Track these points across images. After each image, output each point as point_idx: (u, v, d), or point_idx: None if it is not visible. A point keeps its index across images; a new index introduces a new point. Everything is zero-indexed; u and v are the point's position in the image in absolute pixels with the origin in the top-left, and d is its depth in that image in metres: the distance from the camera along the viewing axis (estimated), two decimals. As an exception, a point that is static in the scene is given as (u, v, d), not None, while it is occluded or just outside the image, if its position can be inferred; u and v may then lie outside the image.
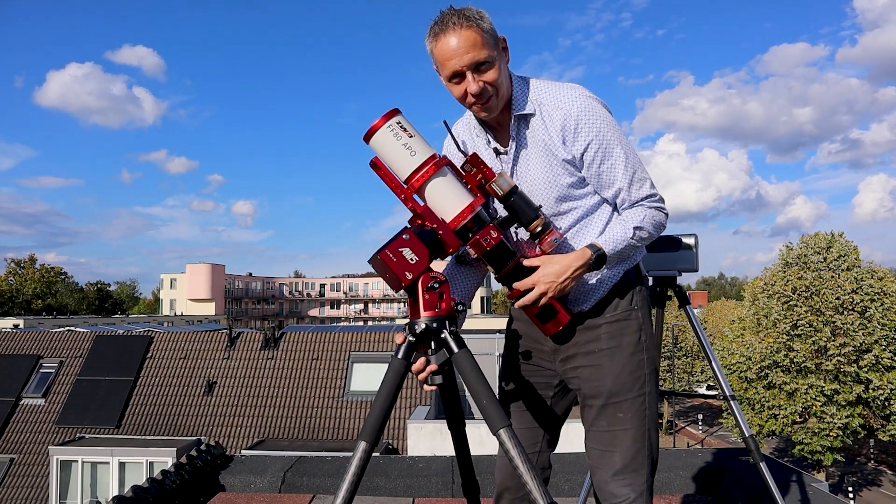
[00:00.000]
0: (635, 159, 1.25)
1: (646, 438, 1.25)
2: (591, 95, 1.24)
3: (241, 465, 2.56)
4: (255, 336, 14.25)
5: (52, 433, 12.47)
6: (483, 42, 1.15)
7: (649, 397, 1.26)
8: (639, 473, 1.22)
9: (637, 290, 1.31)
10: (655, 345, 1.36)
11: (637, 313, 1.29)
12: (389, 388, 1.14)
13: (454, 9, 1.15)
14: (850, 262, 17.86)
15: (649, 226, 1.25)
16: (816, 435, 17.27)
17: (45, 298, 50.28)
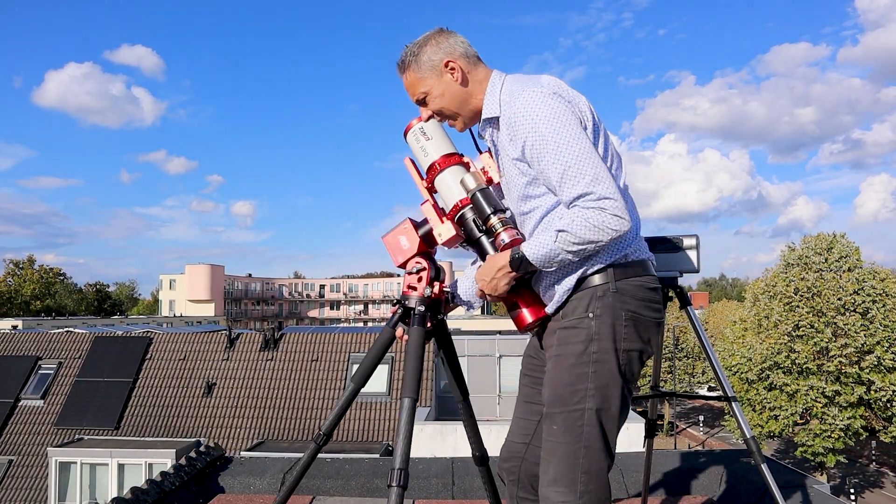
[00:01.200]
0: (570, 156, 1.16)
1: (580, 456, 1.18)
2: (542, 90, 1.20)
3: (241, 466, 2.55)
4: (255, 337, 14.24)
5: (50, 434, 12.46)
6: (417, 81, 1.31)
7: (590, 413, 1.18)
8: (570, 490, 1.17)
9: (599, 295, 1.22)
10: (617, 360, 1.19)
11: (591, 321, 1.21)
12: (377, 349, 1.40)
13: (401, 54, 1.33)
14: (852, 263, 17.81)
15: (578, 228, 1.15)
16: (818, 436, 17.24)
17: (43, 299, 50.25)
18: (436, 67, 1.30)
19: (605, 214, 1.15)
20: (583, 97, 1.28)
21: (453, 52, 1.30)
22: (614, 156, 1.30)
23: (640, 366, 1.27)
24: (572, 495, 1.17)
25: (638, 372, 1.26)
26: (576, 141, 1.17)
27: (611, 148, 1.29)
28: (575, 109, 1.22)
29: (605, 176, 1.16)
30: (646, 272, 1.27)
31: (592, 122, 1.26)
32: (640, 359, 1.25)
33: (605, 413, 1.19)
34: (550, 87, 1.22)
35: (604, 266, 1.23)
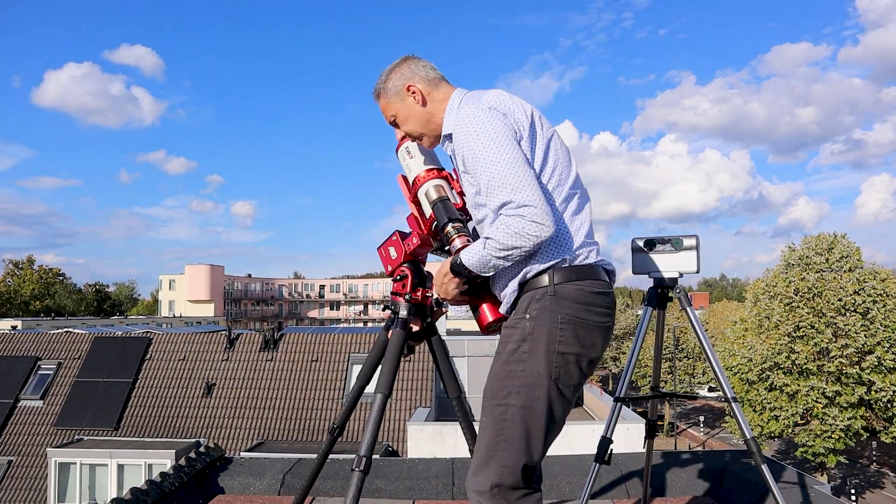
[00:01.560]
0: (495, 167, 1.23)
1: (500, 449, 1.23)
2: (478, 106, 1.29)
3: (241, 467, 2.55)
4: (255, 337, 14.23)
5: (50, 435, 12.45)
6: (387, 105, 1.45)
7: (513, 411, 1.23)
8: (487, 479, 1.23)
9: (537, 298, 1.26)
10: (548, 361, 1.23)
11: (527, 322, 1.26)
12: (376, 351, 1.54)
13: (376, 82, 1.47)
14: (853, 264, 17.77)
15: (501, 235, 1.21)
16: (818, 437, 17.20)
17: (43, 299, 50.21)
18: (399, 92, 1.43)
19: (525, 221, 1.19)
20: (526, 107, 1.35)
21: (413, 76, 1.42)
22: (558, 161, 1.34)
23: (580, 370, 1.28)
24: (487, 485, 1.23)
25: (577, 375, 1.28)
26: (502, 152, 1.23)
27: (553, 154, 1.34)
28: (509, 121, 1.29)
29: (528, 184, 1.21)
30: (590, 276, 1.30)
31: (531, 130, 1.31)
32: (578, 363, 1.27)
33: (528, 411, 1.23)
34: (487, 101, 1.31)
35: (543, 269, 1.28)
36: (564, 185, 1.32)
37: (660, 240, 1.82)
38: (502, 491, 1.23)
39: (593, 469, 1.73)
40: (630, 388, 1.85)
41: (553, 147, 1.34)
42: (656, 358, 1.96)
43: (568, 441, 11.15)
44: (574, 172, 1.37)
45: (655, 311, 1.86)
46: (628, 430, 11.36)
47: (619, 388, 1.82)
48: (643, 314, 1.86)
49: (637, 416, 13.17)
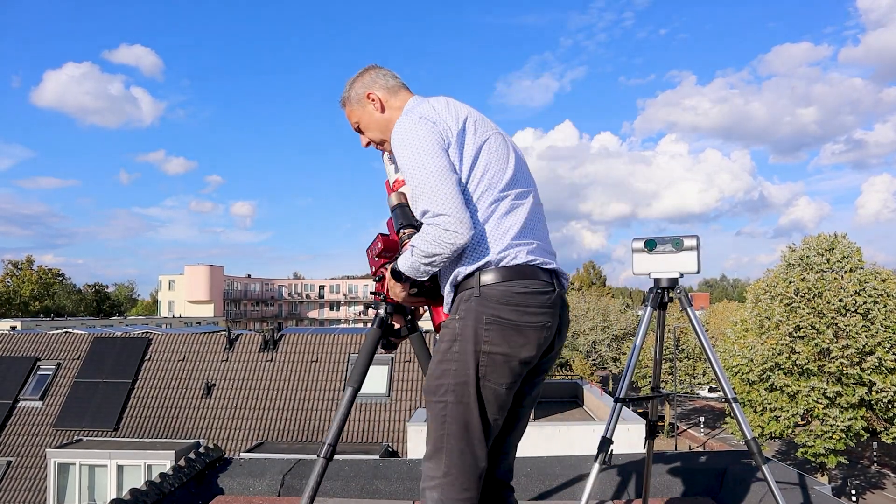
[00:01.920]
0: (418, 177, 1.28)
1: (444, 442, 1.31)
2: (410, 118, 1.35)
3: (240, 467, 2.54)
4: (254, 338, 14.21)
5: (49, 436, 12.42)
6: (350, 113, 1.54)
7: (450, 407, 1.29)
8: (437, 469, 1.31)
9: (465, 299, 1.31)
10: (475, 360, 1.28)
11: (456, 323, 1.31)
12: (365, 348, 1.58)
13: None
14: (853, 264, 17.72)
15: (421, 243, 1.28)
16: (819, 437, 17.15)
17: (42, 300, 50.17)
18: (361, 100, 1.51)
19: (439, 229, 1.25)
20: (461, 113, 1.38)
21: (374, 85, 1.51)
22: (490, 164, 1.36)
23: (510, 369, 1.31)
24: (438, 472, 1.31)
25: (508, 375, 1.31)
26: (424, 162, 1.29)
27: (484, 157, 1.36)
28: (437, 129, 1.33)
29: (445, 193, 1.26)
30: (518, 277, 1.31)
31: (460, 136, 1.35)
32: (508, 363, 1.30)
33: (464, 407, 1.29)
34: (419, 111, 1.36)
35: (471, 271, 1.31)
36: (495, 188, 1.35)
37: (660, 240, 1.82)
38: (450, 482, 1.30)
39: (593, 470, 1.73)
40: (630, 388, 1.84)
41: (486, 150, 1.36)
42: (657, 358, 1.96)
43: (568, 442, 11.16)
44: (510, 174, 1.38)
45: (656, 312, 1.86)
46: (629, 431, 11.34)
47: (619, 389, 1.81)
48: (643, 315, 1.86)
49: (637, 417, 13.16)
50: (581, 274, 53.91)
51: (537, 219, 1.43)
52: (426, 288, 1.43)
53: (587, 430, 12.34)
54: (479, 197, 1.34)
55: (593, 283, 51.66)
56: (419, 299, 1.46)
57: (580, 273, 54.16)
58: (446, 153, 1.31)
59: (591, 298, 39.15)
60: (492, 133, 1.41)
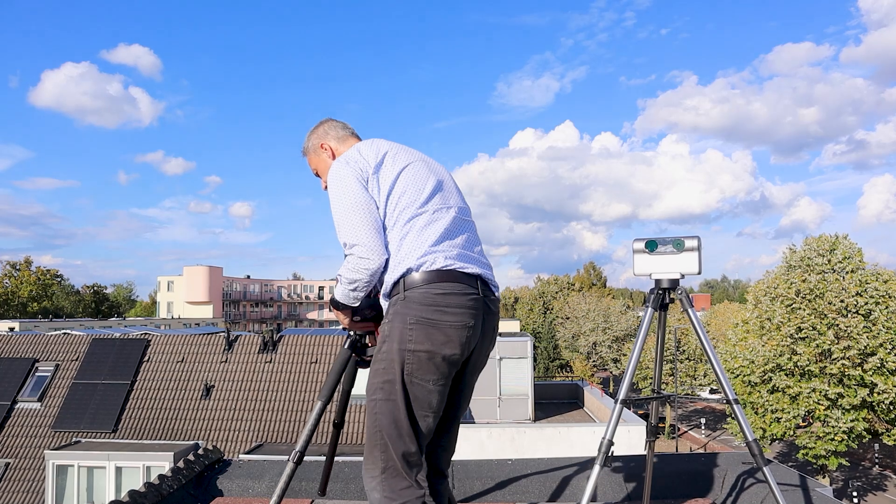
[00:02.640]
0: (339, 214, 1.46)
1: (377, 439, 1.42)
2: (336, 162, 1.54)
3: (239, 469, 2.54)
4: (253, 339, 14.19)
5: (47, 437, 12.38)
6: (310, 161, 1.74)
7: (381, 405, 1.41)
8: (374, 465, 1.42)
9: (392, 303, 1.45)
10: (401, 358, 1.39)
11: (385, 326, 1.44)
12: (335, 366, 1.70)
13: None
14: (855, 265, 17.68)
15: (344, 271, 1.46)
16: (820, 439, 17.08)
17: (40, 301, 50.10)
18: (316, 149, 1.72)
19: (354, 258, 1.43)
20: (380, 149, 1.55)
21: (326, 136, 1.72)
22: (407, 188, 1.51)
23: (435, 366, 1.41)
24: (376, 470, 1.42)
25: (434, 371, 1.41)
26: (341, 199, 1.47)
27: (401, 183, 1.51)
28: (357, 167, 1.51)
29: (356, 224, 1.44)
30: (437, 280, 1.42)
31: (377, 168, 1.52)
32: (432, 359, 1.40)
33: (392, 404, 1.40)
34: (344, 156, 1.55)
35: (396, 280, 1.45)
36: (413, 206, 1.49)
37: (661, 241, 1.81)
38: (389, 477, 1.40)
39: (594, 471, 1.72)
40: (631, 390, 1.84)
41: (404, 175, 1.52)
42: (658, 360, 1.95)
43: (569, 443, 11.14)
44: (428, 193, 1.52)
45: (657, 313, 1.85)
46: (629, 433, 11.33)
47: (620, 391, 1.81)
48: (644, 316, 1.85)
49: (638, 419, 13.15)
50: (581, 275, 53.84)
51: (460, 230, 1.53)
52: (367, 316, 1.57)
53: (588, 431, 12.33)
54: (399, 215, 1.49)
55: (594, 284, 51.59)
56: (366, 325, 1.59)
57: (580, 274, 54.11)
58: (364, 188, 1.48)
59: (592, 299, 39.05)
60: (412, 161, 1.56)
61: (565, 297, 44.05)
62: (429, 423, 1.44)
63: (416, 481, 1.41)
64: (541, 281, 49.85)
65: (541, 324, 40.28)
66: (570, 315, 38.36)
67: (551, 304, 44.08)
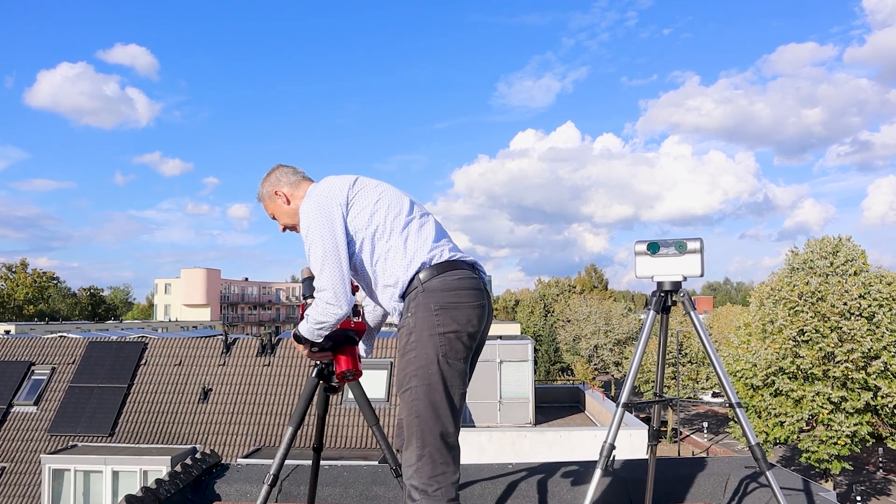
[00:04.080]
0: (317, 255, 1.54)
1: (415, 425, 1.48)
2: (308, 201, 1.62)
3: (237, 473, 2.52)
4: (252, 342, 14.15)
5: (44, 441, 12.32)
6: (265, 206, 1.81)
7: (417, 391, 1.48)
8: (412, 454, 1.48)
9: (413, 297, 1.54)
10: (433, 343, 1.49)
11: (409, 319, 1.53)
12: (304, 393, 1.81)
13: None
14: (858, 267, 17.60)
15: (313, 312, 1.55)
16: (824, 443, 16.99)
17: (36, 304, 49.98)
18: (270, 195, 1.79)
19: (322, 303, 1.53)
20: (348, 178, 1.68)
21: (279, 183, 1.79)
22: (390, 207, 1.64)
23: (463, 344, 1.54)
24: (413, 458, 1.47)
25: (462, 349, 1.54)
26: (318, 247, 1.55)
27: (383, 204, 1.64)
28: (330, 205, 1.60)
29: (330, 274, 1.53)
30: (449, 269, 1.58)
31: (355, 198, 1.63)
32: (460, 338, 1.53)
33: (428, 387, 1.48)
34: (315, 193, 1.64)
35: (412, 276, 1.56)
36: (402, 216, 1.63)
37: (663, 243, 1.81)
38: (425, 464, 1.45)
39: (595, 476, 1.71)
40: (633, 393, 1.83)
41: (384, 195, 1.65)
42: (660, 363, 1.94)
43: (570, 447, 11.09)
44: (408, 205, 1.68)
45: (658, 316, 1.85)
46: (631, 436, 11.29)
47: (621, 394, 1.80)
48: (646, 319, 1.84)
49: (640, 422, 13.11)
50: (583, 277, 53.81)
51: (444, 231, 1.72)
52: (324, 346, 1.65)
53: (589, 435, 12.29)
54: (392, 223, 1.61)
55: (595, 287, 51.57)
56: (324, 354, 1.67)
57: (582, 276, 54.06)
58: (340, 226, 1.58)
59: (593, 302, 39.05)
60: (381, 183, 1.72)
61: (566, 299, 44.02)
62: (461, 400, 1.53)
63: (453, 463, 1.47)
64: (542, 283, 49.78)
65: (541, 326, 40.25)
66: (571, 318, 38.35)
67: (552, 306, 44.05)
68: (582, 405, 17.91)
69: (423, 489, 1.43)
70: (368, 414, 1.88)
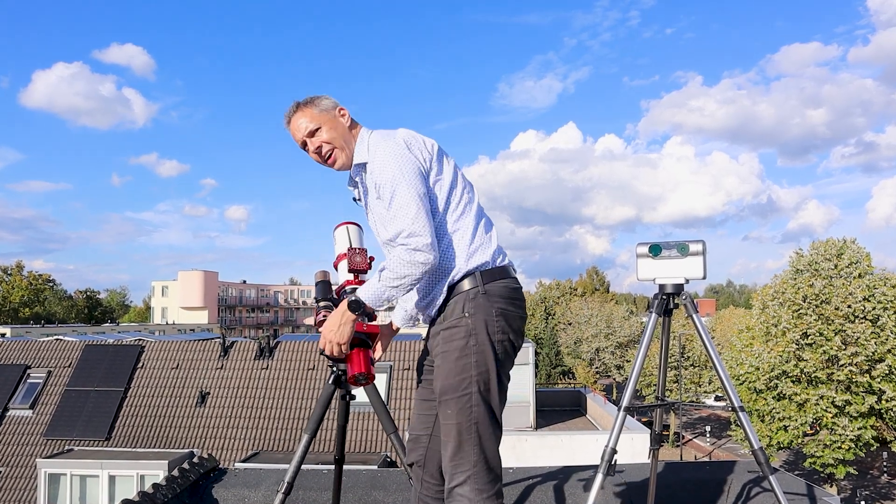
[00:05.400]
0: (401, 199, 1.43)
1: (472, 432, 1.44)
2: (393, 143, 1.49)
3: (235, 478, 2.50)
4: (249, 345, 14.11)
5: (39, 445, 12.26)
6: (314, 116, 1.59)
7: (475, 397, 1.44)
8: (466, 460, 1.44)
9: (469, 297, 1.47)
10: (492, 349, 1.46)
11: (468, 320, 1.46)
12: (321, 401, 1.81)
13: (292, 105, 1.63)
14: (862, 269, 17.45)
15: (394, 264, 1.41)
16: (828, 447, 16.82)
17: (32, 306, 49.80)
18: (331, 110, 1.62)
19: (409, 250, 1.40)
20: (427, 141, 1.56)
21: (340, 106, 1.64)
22: (465, 186, 1.57)
23: (510, 353, 1.52)
24: (468, 464, 1.43)
25: (511, 360, 1.52)
26: (406, 187, 1.43)
27: (461, 180, 1.56)
28: (418, 157, 1.49)
29: (420, 216, 1.41)
30: (507, 275, 1.54)
31: (439, 163, 1.53)
32: (513, 346, 1.51)
33: (488, 394, 1.46)
34: (400, 139, 1.51)
35: (470, 272, 1.49)
36: (473, 204, 1.57)
37: (665, 245, 1.80)
38: (481, 469, 1.43)
39: (597, 480, 1.70)
40: (635, 397, 1.82)
41: (459, 175, 1.57)
42: (662, 366, 1.93)
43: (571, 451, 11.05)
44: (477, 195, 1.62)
45: (661, 319, 1.84)
46: (633, 441, 11.23)
47: (623, 398, 1.79)
48: (648, 321, 1.84)
49: (642, 426, 13.03)
50: (584, 279, 53.70)
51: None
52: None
53: (590, 439, 12.22)
54: (466, 207, 1.53)
55: (596, 289, 51.49)
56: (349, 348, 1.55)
57: (583, 279, 53.95)
58: (425, 180, 1.48)
59: (595, 305, 38.93)
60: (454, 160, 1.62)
61: (567, 302, 43.94)
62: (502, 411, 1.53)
63: (500, 468, 1.48)
64: (542, 286, 49.70)
65: (542, 329, 40.14)
66: (572, 321, 38.24)
67: (553, 309, 43.93)
68: (583, 409, 17.85)
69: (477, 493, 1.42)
70: (386, 422, 1.81)
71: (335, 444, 1.91)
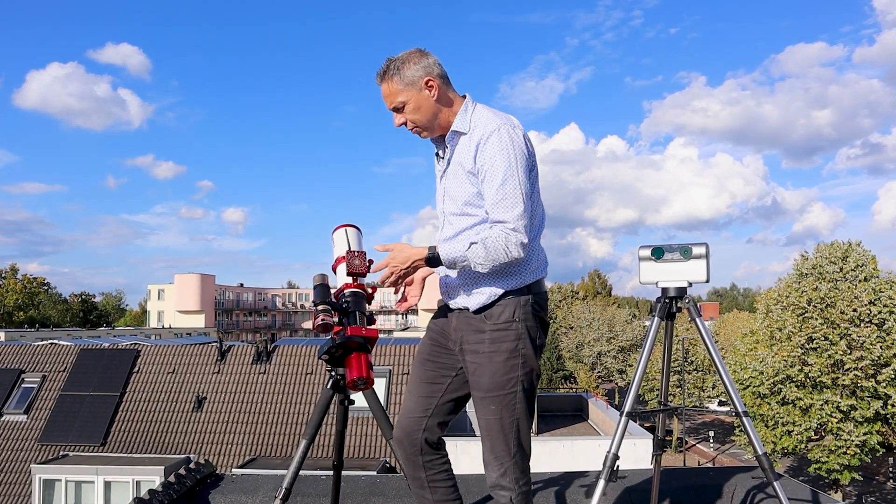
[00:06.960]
0: (514, 189, 1.48)
1: (514, 427, 1.56)
2: (511, 125, 1.54)
3: (232, 484, 2.48)
4: (247, 349, 14.05)
5: (34, 451, 12.19)
6: (398, 91, 1.55)
7: (519, 395, 1.55)
8: (507, 454, 1.56)
9: (521, 303, 1.56)
10: (535, 352, 1.57)
11: (518, 325, 1.55)
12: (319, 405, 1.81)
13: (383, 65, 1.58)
14: (868, 273, 17.36)
15: (492, 244, 1.47)
16: (833, 453, 16.73)
17: (27, 310, 49.61)
18: (416, 83, 1.55)
19: (510, 242, 1.47)
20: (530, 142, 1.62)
21: (432, 71, 1.56)
22: (538, 196, 1.64)
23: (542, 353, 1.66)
24: (507, 456, 1.56)
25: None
26: (521, 180, 1.50)
27: (538, 189, 1.63)
28: (530, 152, 1.57)
29: (524, 216, 1.49)
30: (544, 288, 1.65)
31: (536, 167, 1.61)
32: (543, 349, 1.66)
33: (529, 393, 1.58)
34: (520, 126, 1.57)
35: (528, 281, 1.57)
36: (537, 213, 1.62)
37: (668, 248, 1.80)
38: (518, 460, 1.56)
39: (599, 486, 1.68)
40: (637, 402, 1.81)
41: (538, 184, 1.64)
42: (664, 371, 1.92)
43: (573, 456, 10.99)
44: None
45: (663, 323, 1.84)
46: (635, 446, 11.16)
47: (625, 403, 1.77)
48: (651, 325, 1.83)
49: (644, 432, 12.95)
50: (586, 283, 53.64)
51: None
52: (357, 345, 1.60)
53: (592, 444, 12.15)
54: (540, 226, 1.63)
55: (598, 293, 51.44)
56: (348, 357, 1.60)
57: (585, 282, 53.89)
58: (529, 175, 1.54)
59: (597, 308, 38.80)
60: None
61: (569, 305, 43.86)
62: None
63: (529, 465, 1.62)
64: (544, 290, 49.53)
65: (544, 334, 39.91)
66: (573, 324, 38.11)
67: (555, 312, 43.80)
68: (585, 414, 17.77)
69: (512, 483, 1.55)
70: (385, 427, 1.79)
71: (334, 450, 1.91)
